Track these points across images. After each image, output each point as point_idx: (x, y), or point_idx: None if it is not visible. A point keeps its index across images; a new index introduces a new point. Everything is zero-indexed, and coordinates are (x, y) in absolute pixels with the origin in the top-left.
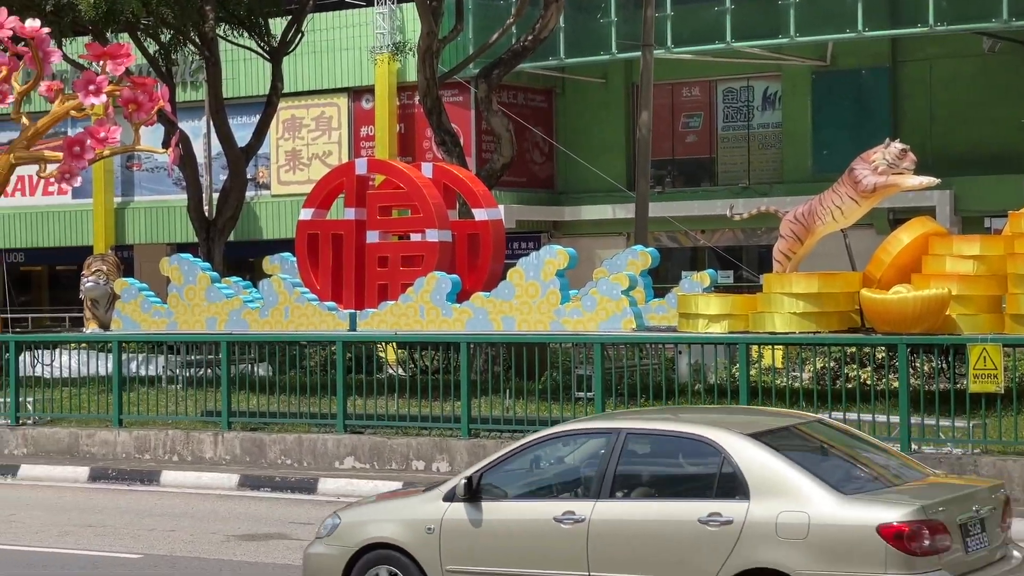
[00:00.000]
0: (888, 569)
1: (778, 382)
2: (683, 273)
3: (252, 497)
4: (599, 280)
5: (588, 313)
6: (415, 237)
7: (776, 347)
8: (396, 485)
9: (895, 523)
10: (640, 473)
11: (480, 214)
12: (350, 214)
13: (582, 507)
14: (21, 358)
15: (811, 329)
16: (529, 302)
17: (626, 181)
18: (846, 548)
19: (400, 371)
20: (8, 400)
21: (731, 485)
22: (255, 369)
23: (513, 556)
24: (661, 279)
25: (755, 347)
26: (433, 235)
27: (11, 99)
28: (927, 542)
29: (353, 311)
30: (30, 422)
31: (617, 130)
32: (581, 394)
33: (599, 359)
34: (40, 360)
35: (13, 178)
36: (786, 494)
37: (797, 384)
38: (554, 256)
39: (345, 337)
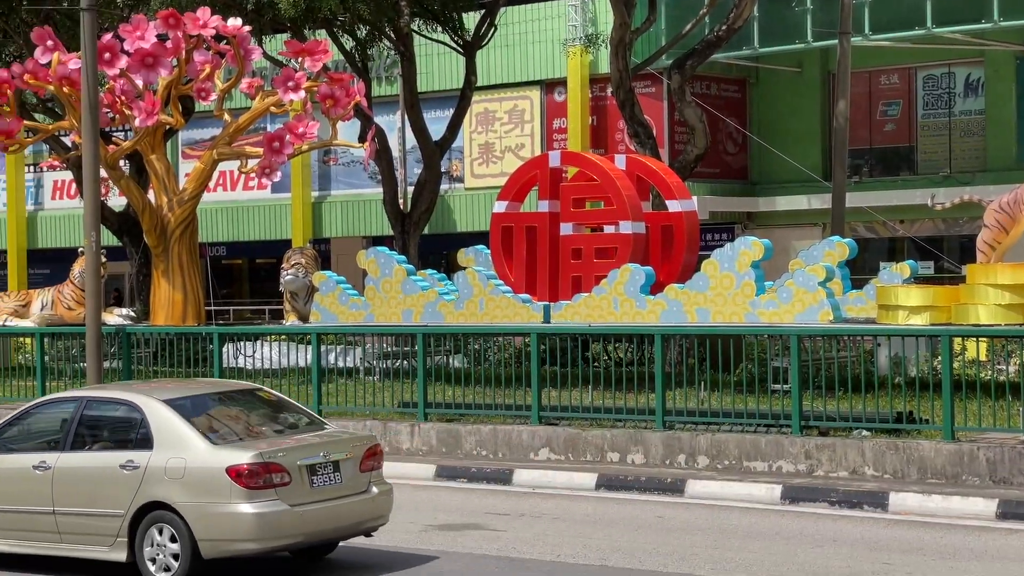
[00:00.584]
0: (232, 499)
1: (983, 375)
2: (881, 264)
3: (448, 487)
4: (795, 271)
5: (784, 305)
6: (608, 229)
7: (980, 340)
8: (592, 477)
9: (238, 465)
10: (92, 430)
11: (674, 205)
12: (544, 206)
13: (51, 457)
14: (224, 349)
15: (1017, 321)
16: (724, 294)
17: (822, 171)
18: (208, 485)
19: (594, 363)
20: None
21: (144, 439)
22: (450, 361)
23: (5, 496)
24: (858, 270)
25: (958, 340)
26: (627, 227)
27: (214, 96)
28: (263, 479)
29: (547, 303)
30: None
31: (812, 119)
32: (777, 387)
33: (795, 351)
34: (242, 352)
35: (215, 173)
36: (175, 445)
37: (1003, 378)
38: (749, 247)
39: (539, 329)
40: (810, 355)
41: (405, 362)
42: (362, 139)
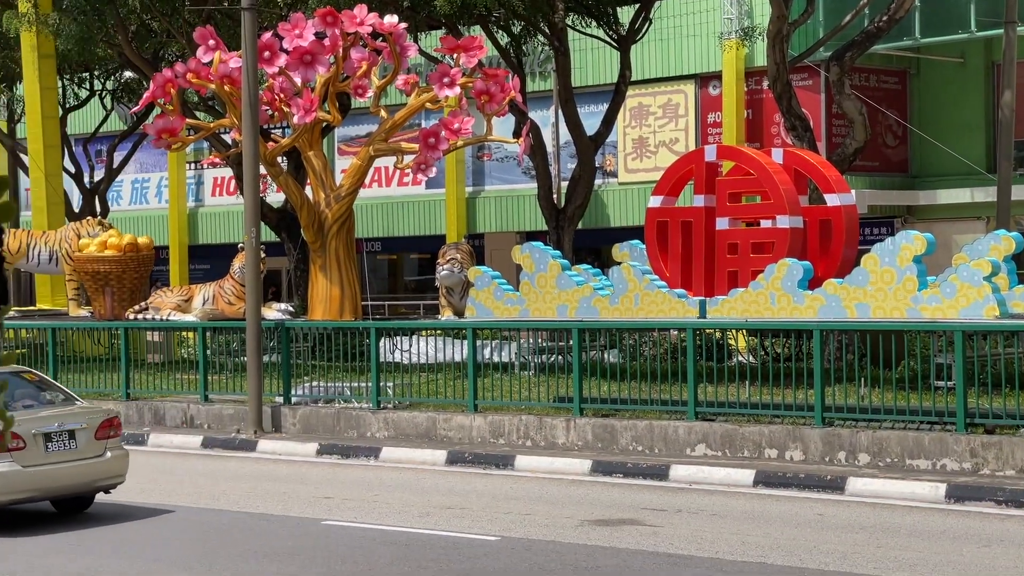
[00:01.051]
0: None
1: None
2: None
3: (604, 483)
4: (959, 266)
5: (947, 300)
6: (765, 223)
7: None
8: (749, 474)
9: None
10: None
11: (832, 199)
12: (699, 201)
13: None
14: (380, 344)
15: None
16: (884, 288)
17: (986, 164)
18: None
19: (750, 358)
20: (370, 385)
21: None
22: (605, 356)
23: None
24: None
25: None
26: (784, 221)
27: (370, 93)
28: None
29: (703, 298)
30: (390, 406)
31: (976, 111)
32: (940, 383)
33: (960, 347)
34: (399, 346)
35: (371, 170)
36: None
37: None
38: (911, 242)
39: (695, 324)
40: (975, 351)
41: (560, 357)
42: (517, 135)
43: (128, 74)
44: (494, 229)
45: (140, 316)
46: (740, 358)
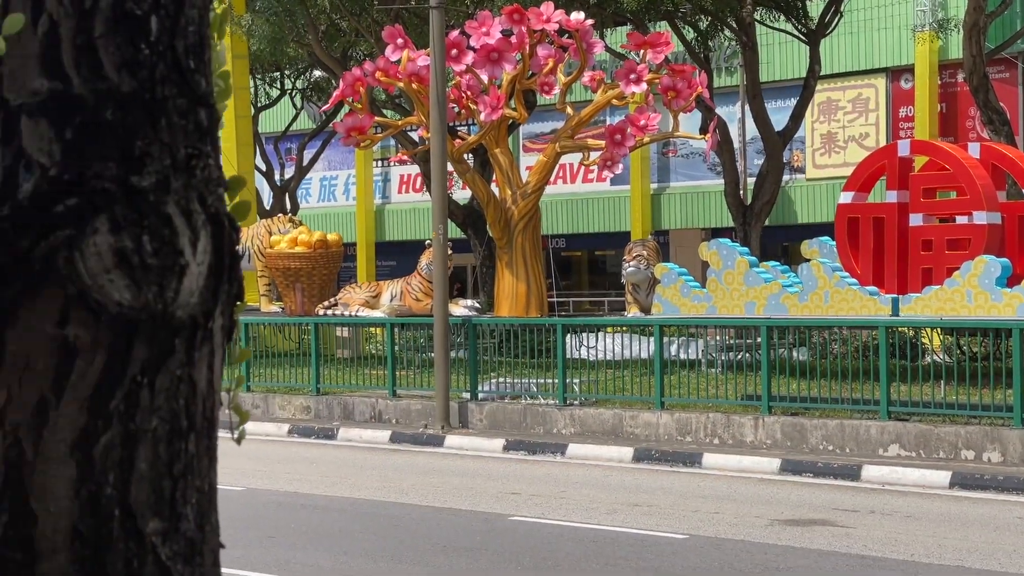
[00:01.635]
0: None
1: None
2: None
3: (794, 482)
4: None
5: None
6: (961, 219)
7: None
8: (945, 475)
9: None
10: None
11: None
12: (892, 197)
13: None
14: (566, 340)
15: None
16: None
17: None
18: None
19: (945, 357)
20: (556, 381)
21: None
22: (794, 353)
23: None
24: None
25: None
26: (981, 217)
27: (556, 90)
28: None
29: (895, 296)
30: (576, 403)
31: None
32: None
33: None
34: (584, 343)
35: (556, 166)
36: None
37: None
38: None
39: (887, 322)
40: None
41: (747, 354)
42: (703, 131)
43: (318, 73)
44: (679, 225)
45: (329, 312)
46: (934, 357)
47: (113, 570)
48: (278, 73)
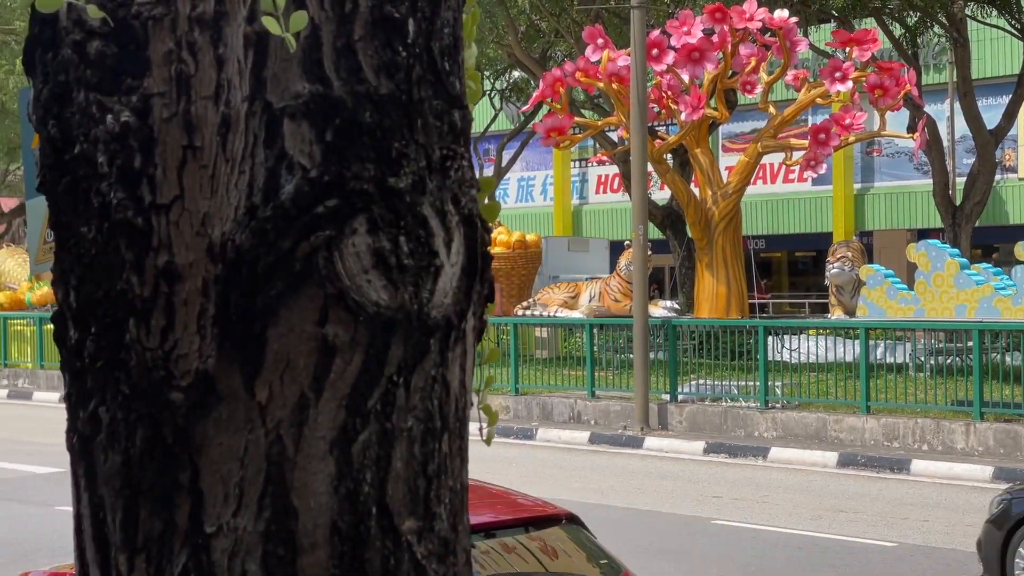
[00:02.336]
0: None
1: None
2: None
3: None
4: None
5: None
6: None
7: None
8: None
9: None
10: None
11: None
12: None
13: None
14: (768, 342)
15: None
16: None
17: None
18: None
19: None
20: (757, 383)
21: None
22: (1007, 358)
23: None
24: None
25: None
26: None
27: (759, 90)
28: None
29: None
30: (778, 406)
31: None
32: None
33: None
34: (786, 345)
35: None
36: None
37: None
38: None
39: None
40: None
41: (957, 359)
42: (911, 129)
43: (517, 74)
44: (883, 226)
45: (527, 312)
46: None
47: (371, 567)
48: (477, 74)
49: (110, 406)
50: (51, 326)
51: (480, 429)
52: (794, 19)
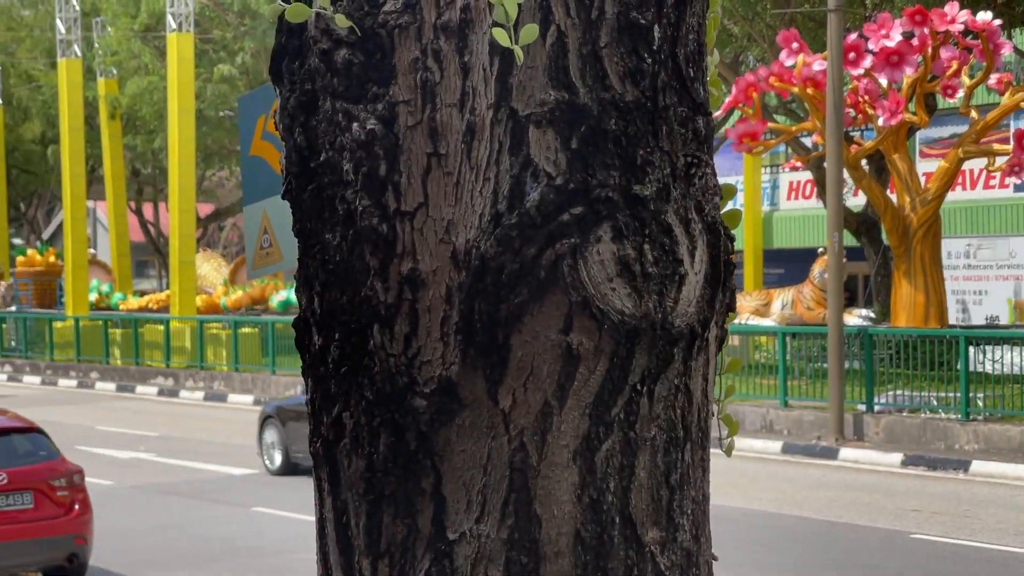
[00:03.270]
0: None
1: None
2: None
3: None
4: None
5: None
6: None
7: None
8: None
9: None
10: None
11: None
12: None
13: None
14: (969, 353)
15: None
16: None
17: None
18: None
19: None
20: (958, 395)
21: None
22: None
23: None
24: None
25: None
26: None
27: (960, 93)
28: None
29: None
30: (980, 418)
31: None
32: None
33: None
34: (988, 355)
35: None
36: None
37: None
38: None
39: None
40: None
41: None
42: None
43: None
44: None
45: None
46: None
47: None
48: (719, 80)
49: (354, 412)
50: (246, 330)
51: (719, 440)
52: (998, 21)
